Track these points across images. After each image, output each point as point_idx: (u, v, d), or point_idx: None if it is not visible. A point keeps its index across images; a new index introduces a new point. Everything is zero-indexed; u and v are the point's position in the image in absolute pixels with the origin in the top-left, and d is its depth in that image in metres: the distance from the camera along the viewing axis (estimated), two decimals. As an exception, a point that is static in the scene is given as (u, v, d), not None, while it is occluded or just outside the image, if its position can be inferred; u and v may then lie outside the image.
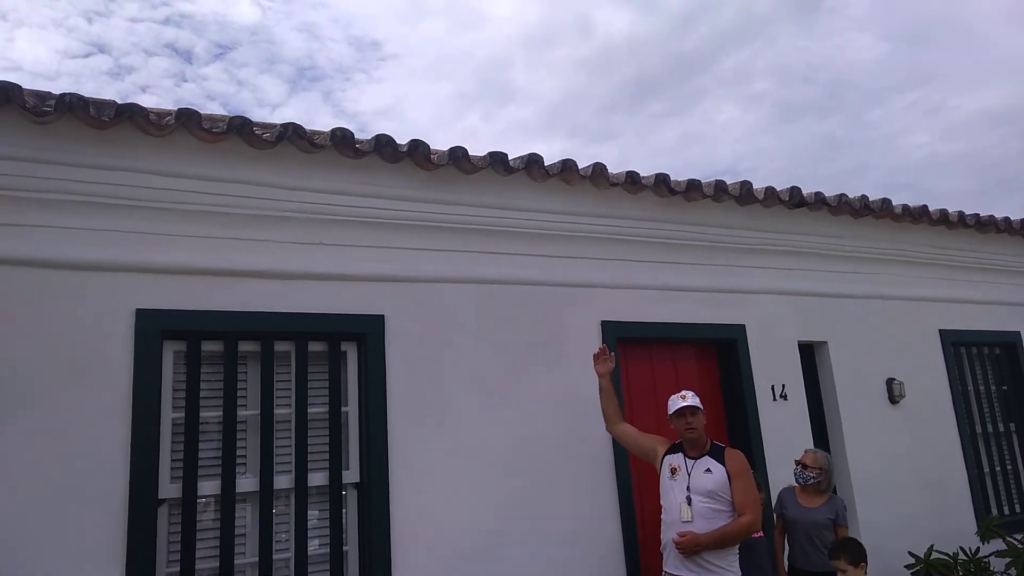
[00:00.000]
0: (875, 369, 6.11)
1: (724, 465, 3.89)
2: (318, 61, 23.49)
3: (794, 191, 5.56)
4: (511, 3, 23.44)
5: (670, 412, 4.02)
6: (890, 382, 6.14)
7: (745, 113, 25.24)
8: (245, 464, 3.89)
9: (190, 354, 3.79)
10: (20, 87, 3.35)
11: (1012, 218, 6.73)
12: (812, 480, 4.75)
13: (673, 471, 3.98)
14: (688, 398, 4.00)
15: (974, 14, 21.71)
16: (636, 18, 24.40)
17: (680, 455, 4.02)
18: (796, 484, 4.86)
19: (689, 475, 3.90)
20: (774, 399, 5.52)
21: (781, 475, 5.17)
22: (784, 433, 5.44)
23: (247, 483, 3.84)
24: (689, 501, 3.84)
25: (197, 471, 3.70)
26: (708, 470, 3.89)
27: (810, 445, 5.48)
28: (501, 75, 25.51)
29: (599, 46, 24.56)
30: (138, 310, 3.66)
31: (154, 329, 3.67)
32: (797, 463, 4.84)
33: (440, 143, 4.22)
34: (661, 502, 4.06)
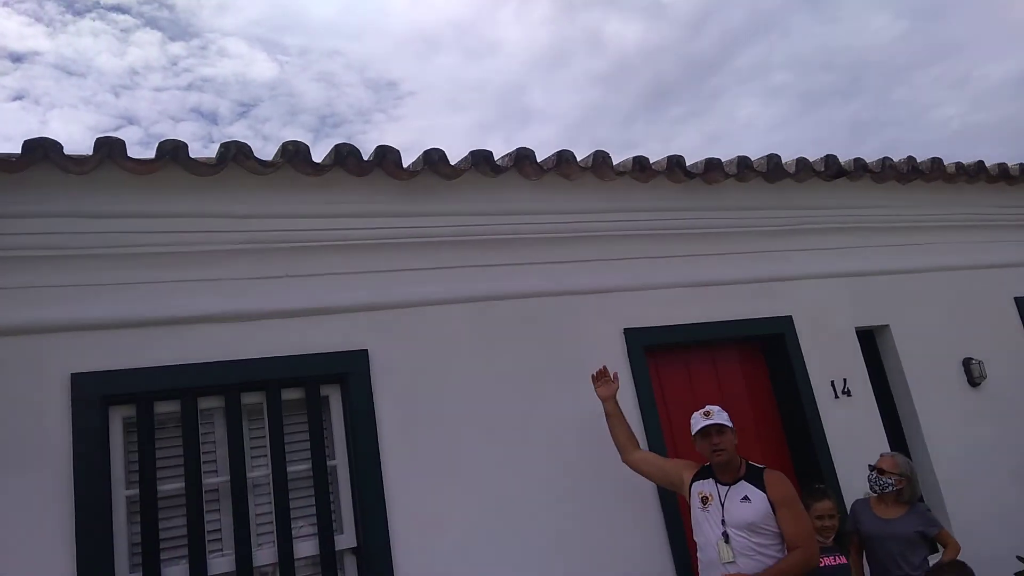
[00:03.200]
0: (948, 350, 5.35)
1: (765, 492, 3.24)
2: (337, 108, 23.70)
3: (830, 160, 4.88)
4: (520, 28, 23.25)
5: (693, 432, 3.40)
6: (967, 363, 5.37)
7: (766, 107, 24.55)
8: (219, 541, 3.33)
9: (141, 419, 3.26)
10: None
11: (1081, 163, 5.93)
12: (891, 488, 4.04)
13: (704, 500, 3.34)
14: (713, 415, 3.37)
15: (989, -21, 20.83)
16: (646, 27, 23.98)
17: (711, 481, 3.38)
18: (872, 493, 4.15)
19: (723, 505, 3.26)
20: (836, 396, 4.81)
21: (855, 484, 4.45)
22: (853, 434, 4.72)
23: (222, 563, 3.27)
24: (727, 538, 3.21)
25: (159, 556, 3.14)
26: (746, 498, 3.25)
27: (884, 445, 4.76)
28: (519, 98, 25.37)
29: (612, 59, 24.20)
30: (74, 375, 3.15)
31: (95, 394, 3.15)
32: (872, 468, 4.14)
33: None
34: (695, 538, 3.44)
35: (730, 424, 3.38)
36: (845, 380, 4.88)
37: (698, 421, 3.41)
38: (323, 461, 3.52)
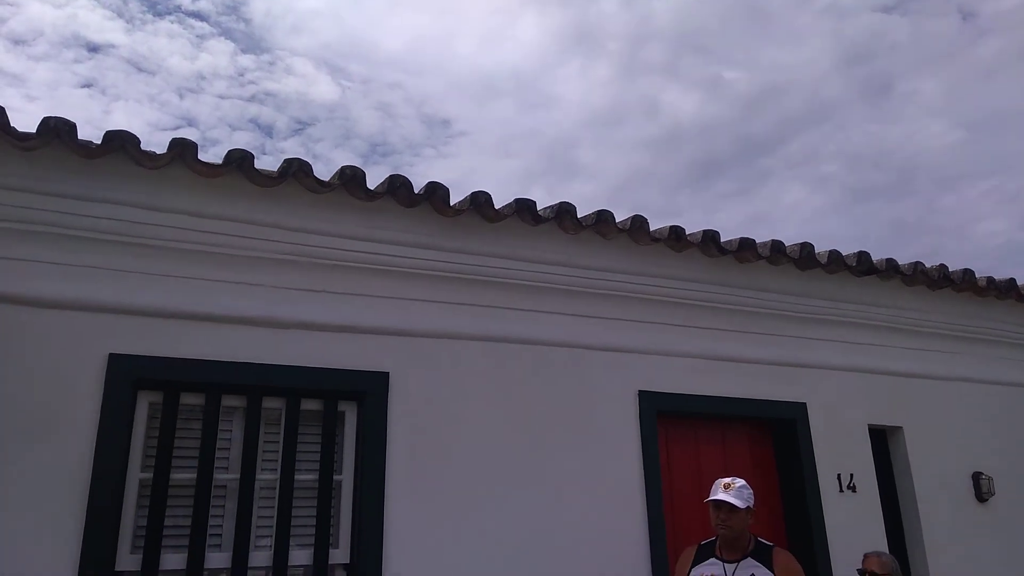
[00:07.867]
0: (959, 462, 5.32)
1: (772, 571, 3.23)
2: (390, 137, 24.39)
3: (862, 256, 4.96)
4: (580, 86, 23.78)
5: (708, 498, 3.41)
6: (977, 477, 5.34)
7: (812, 195, 24.56)
8: (220, 536, 3.42)
9: (166, 406, 3.39)
10: (3, 108, 3.10)
11: (1116, 295, 5.94)
12: (883, 590, 4.00)
13: None
14: (733, 488, 3.35)
15: (1051, 103, 20.83)
16: (703, 100, 24.30)
17: (714, 561, 3.36)
18: (864, 594, 4.13)
19: None
20: (841, 490, 4.81)
21: (849, 582, 4.42)
22: (853, 532, 4.70)
23: (219, 558, 3.36)
24: None
25: (161, 542, 3.24)
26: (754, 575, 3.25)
27: (883, 546, 4.72)
28: (567, 153, 25.82)
29: (665, 126, 24.55)
30: (111, 355, 3.30)
31: (127, 377, 3.29)
32: (861, 572, 4.12)
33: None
34: None
35: (743, 505, 3.34)
36: (852, 476, 4.88)
37: (715, 490, 3.39)
38: (330, 474, 3.61)
